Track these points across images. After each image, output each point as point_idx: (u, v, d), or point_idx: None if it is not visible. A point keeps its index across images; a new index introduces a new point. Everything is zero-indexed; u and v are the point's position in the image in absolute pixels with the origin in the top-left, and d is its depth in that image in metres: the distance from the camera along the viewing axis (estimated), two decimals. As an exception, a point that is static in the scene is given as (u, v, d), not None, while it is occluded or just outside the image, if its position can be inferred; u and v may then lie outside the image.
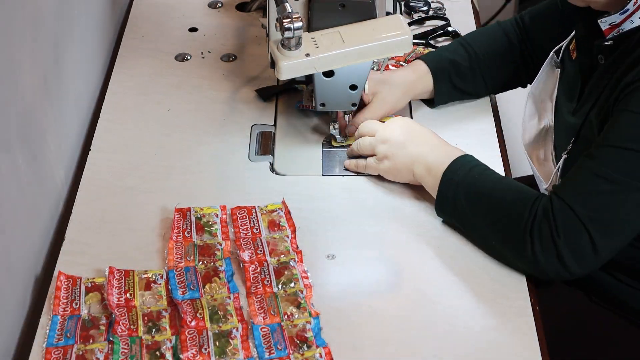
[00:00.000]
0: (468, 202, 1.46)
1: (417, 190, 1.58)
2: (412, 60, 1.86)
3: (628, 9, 1.39)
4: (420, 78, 1.73)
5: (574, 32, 1.57)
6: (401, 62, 1.86)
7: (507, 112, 1.82)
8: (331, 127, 1.69)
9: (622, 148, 1.35)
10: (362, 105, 1.69)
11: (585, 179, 1.38)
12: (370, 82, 1.66)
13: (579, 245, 1.37)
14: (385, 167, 1.58)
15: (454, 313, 1.39)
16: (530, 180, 1.69)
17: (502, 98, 1.93)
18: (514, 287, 1.43)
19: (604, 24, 1.42)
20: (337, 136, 1.69)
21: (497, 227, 1.43)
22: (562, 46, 1.61)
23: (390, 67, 1.84)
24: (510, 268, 1.45)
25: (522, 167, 2.17)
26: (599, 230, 1.36)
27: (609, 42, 1.44)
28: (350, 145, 1.67)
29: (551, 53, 1.62)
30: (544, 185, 1.59)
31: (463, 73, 1.74)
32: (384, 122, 1.63)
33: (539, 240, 1.38)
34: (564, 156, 1.53)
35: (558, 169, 1.54)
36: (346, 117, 1.68)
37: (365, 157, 1.63)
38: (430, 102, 1.77)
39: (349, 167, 1.64)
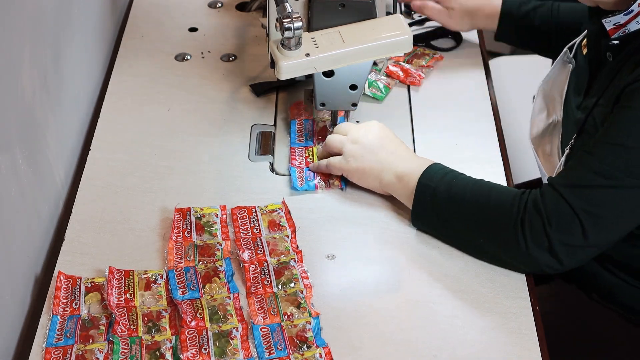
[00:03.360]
0: (449, 206, 1.44)
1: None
2: (412, 61, 1.87)
3: (632, 10, 1.38)
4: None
5: (587, 29, 1.57)
6: (401, 62, 1.86)
7: (508, 114, 1.81)
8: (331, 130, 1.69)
9: (620, 145, 1.35)
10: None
11: (581, 174, 1.38)
12: None
13: (571, 236, 1.36)
14: (352, 167, 1.54)
15: (454, 313, 1.39)
16: (532, 186, 1.68)
17: (503, 99, 1.93)
18: (514, 287, 1.42)
19: (608, 24, 1.42)
20: None
21: (484, 226, 1.42)
22: (575, 42, 1.61)
23: (390, 67, 1.84)
24: (510, 268, 1.45)
25: (523, 168, 2.17)
26: (591, 223, 1.36)
27: (615, 42, 1.44)
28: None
29: (564, 49, 1.62)
30: None
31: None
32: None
33: (530, 232, 1.37)
34: (567, 151, 1.52)
35: (561, 163, 1.54)
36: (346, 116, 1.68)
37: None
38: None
39: (312, 168, 1.60)
